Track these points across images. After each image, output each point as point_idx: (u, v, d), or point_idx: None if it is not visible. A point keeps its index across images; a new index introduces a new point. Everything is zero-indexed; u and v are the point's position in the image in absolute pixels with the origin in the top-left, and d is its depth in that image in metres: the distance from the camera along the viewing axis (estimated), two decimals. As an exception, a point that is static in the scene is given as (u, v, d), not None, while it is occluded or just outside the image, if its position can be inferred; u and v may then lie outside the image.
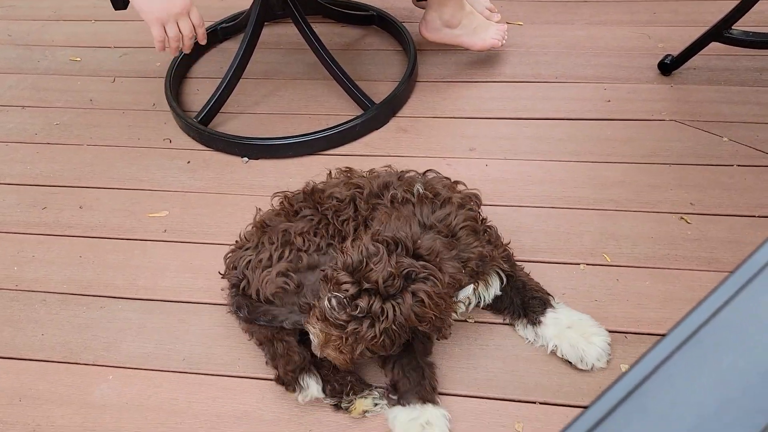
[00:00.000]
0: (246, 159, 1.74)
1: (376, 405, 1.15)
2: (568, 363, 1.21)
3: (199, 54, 2.10)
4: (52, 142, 1.87)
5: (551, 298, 1.26)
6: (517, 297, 1.26)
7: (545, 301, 1.24)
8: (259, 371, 1.27)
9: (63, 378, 1.30)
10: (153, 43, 1.50)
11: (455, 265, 1.08)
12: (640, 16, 2.07)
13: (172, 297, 1.42)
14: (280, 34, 2.14)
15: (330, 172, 1.36)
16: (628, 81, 1.84)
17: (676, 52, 1.81)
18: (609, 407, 0.37)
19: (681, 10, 2.07)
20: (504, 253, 1.25)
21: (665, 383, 0.37)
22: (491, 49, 1.89)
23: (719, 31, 1.69)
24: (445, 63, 1.97)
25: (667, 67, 1.82)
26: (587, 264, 1.39)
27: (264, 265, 1.20)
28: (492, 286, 1.23)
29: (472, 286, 1.15)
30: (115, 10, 1.63)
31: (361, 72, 1.96)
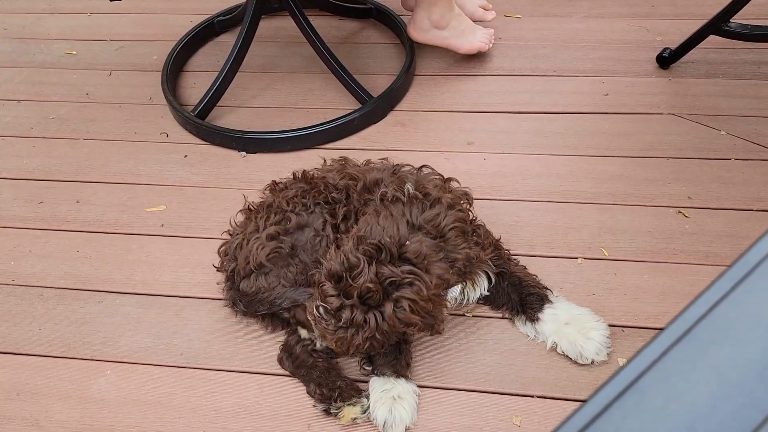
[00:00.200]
0: (243, 153, 1.74)
1: (365, 412, 1.15)
2: (567, 357, 1.21)
3: (196, 47, 2.09)
4: (48, 136, 1.87)
5: (549, 293, 1.26)
6: (514, 293, 1.26)
7: (542, 297, 1.24)
8: (258, 365, 1.27)
9: (61, 373, 1.31)
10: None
11: (442, 265, 1.09)
12: (639, 8, 2.06)
13: (169, 291, 1.42)
14: (277, 27, 2.13)
15: (325, 161, 1.37)
16: (626, 74, 1.84)
17: (674, 46, 1.81)
18: (605, 403, 0.37)
19: (679, 2, 2.07)
20: (492, 253, 1.25)
21: (661, 379, 0.37)
22: (478, 53, 1.88)
23: (717, 24, 1.68)
24: (443, 56, 1.96)
25: (666, 60, 1.82)
26: (585, 258, 1.39)
27: (252, 234, 1.22)
28: (479, 286, 1.24)
29: (459, 286, 1.16)
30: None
31: (358, 65, 1.95)
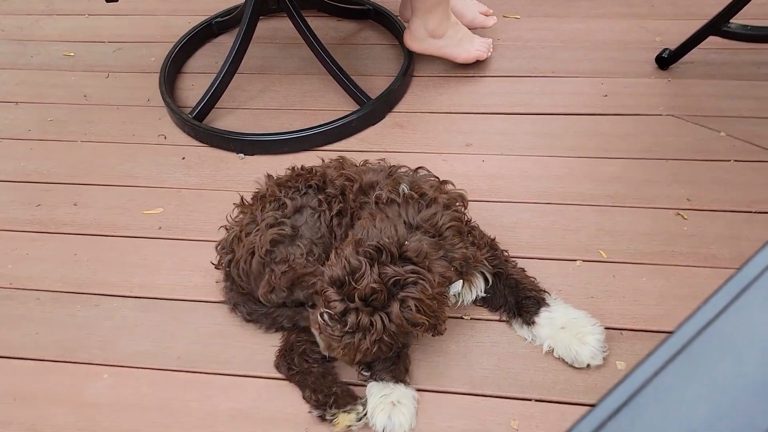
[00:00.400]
0: (241, 155, 1.73)
1: (360, 420, 1.14)
2: (564, 360, 1.20)
3: (194, 49, 2.09)
4: (45, 139, 1.86)
5: (546, 296, 1.25)
6: (511, 296, 1.26)
7: (539, 300, 1.24)
8: (255, 369, 1.27)
9: (58, 377, 1.30)
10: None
11: (443, 263, 1.08)
12: (638, 9, 2.06)
13: (167, 295, 1.42)
14: (275, 28, 2.13)
15: (323, 160, 1.37)
16: (625, 75, 1.83)
17: (673, 46, 1.80)
18: (601, 420, 0.36)
19: (679, 3, 2.06)
20: (488, 253, 1.24)
21: (657, 396, 0.36)
22: (476, 61, 1.87)
23: (717, 25, 1.67)
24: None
25: (665, 61, 1.81)
26: (583, 260, 1.38)
27: (249, 227, 1.22)
28: (476, 287, 1.23)
29: (461, 281, 1.15)
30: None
31: (357, 67, 1.95)
